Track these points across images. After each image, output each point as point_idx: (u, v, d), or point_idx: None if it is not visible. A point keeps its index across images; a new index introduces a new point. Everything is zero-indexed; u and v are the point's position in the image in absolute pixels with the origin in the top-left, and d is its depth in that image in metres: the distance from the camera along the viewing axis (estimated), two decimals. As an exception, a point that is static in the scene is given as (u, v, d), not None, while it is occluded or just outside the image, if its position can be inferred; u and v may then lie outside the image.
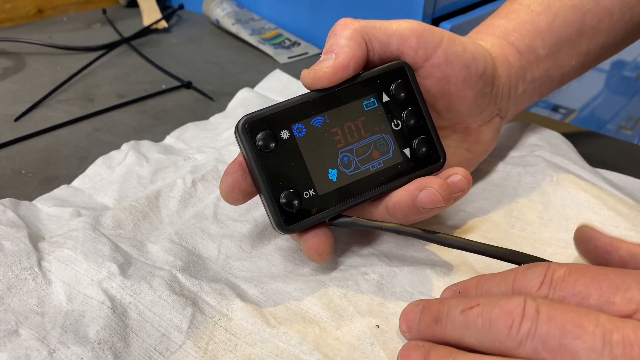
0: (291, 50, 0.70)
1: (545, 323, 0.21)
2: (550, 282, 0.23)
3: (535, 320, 0.21)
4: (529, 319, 0.21)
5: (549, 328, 0.21)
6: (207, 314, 0.30)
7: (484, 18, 0.41)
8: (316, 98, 0.31)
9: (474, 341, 0.23)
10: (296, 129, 0.30)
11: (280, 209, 0.29)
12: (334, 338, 0.29)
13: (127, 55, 0.68)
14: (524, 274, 0.24)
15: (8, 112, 0.52)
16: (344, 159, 0.31)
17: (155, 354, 0.27)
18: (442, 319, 0.24)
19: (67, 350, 0.26)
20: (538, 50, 0.38)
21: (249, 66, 0.66)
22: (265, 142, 0.29)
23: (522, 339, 0.21)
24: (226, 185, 0.31)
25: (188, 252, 0.34)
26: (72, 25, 0.78)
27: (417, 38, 0.32)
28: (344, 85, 0.31)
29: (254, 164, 0.29)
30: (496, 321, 0.22)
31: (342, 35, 0.31)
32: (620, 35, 0.41)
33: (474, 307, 0.23)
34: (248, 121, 0.29)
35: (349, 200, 0.31)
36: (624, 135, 1.42)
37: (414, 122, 0.33)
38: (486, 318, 0.22)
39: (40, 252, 0.32)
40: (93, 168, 0.42)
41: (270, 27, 0.76)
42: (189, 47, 0.72)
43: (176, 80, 0.60)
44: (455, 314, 0.24)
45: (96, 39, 0.71)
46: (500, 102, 0.37)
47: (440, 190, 0.30)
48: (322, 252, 0.31)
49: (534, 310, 0.21)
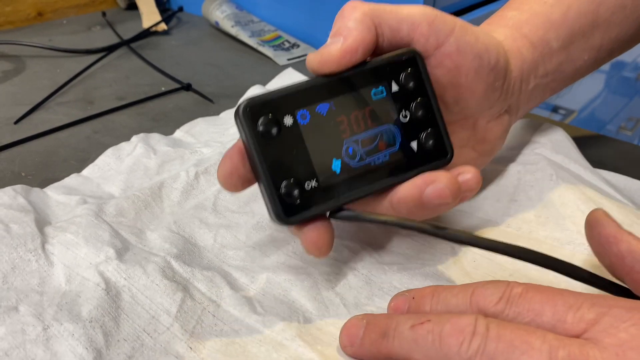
0: (290, 52, 0.70)
1: (494, 340, 0.21)
2: (507, 299, 0.24)
3: (485, 338, 0.22)
4: (478, 336, 0.22)
5: (498, 345, 0.21)
6: (197, 299, 0.31)
7: (484, 18, 0.41)
8: (322, 83, 0.29)
9: (422, 357, 0.23)
10: (300, 115, 0.28)
11: (280, 199, 0.28)
12: (316, 328, 0.29)
13: (126, 57, 0.68)
14: (484, 288, 0.25)
15: (8, 115, 0.53)
16: (348, 149, 0.30)
17: (144, 334, 0.29)
18: (389, 334, 0.24)
19: (60, 326, 0.28)
20: (551, 42, 0.37)
21: (248, 68, 0.66)
22: (266, 128, 0.28)
23: (471, 355, 0.21)
24: (224, 170, 0.29)
25: (184, 240, 0.35)
26: (72, 28, 0.78)
27: (429, 25, 0.31)
28: (351, 71, 0.30)
29: (254, 151, 0.28)
30: (447, 338, 0.22)
31: (351, 17, 0.30)
32: (634, 29, 0.40)
33: (425, 323, 0.23)
34: (249, 105, 0.27)
35: (352, 192, 0.30)
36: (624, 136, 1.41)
37: (423, 114, 0.31)
38: (436, 334, 0.23)
39: (45, 235, 0.34)
40: (103, 158, 0.44)
41: (270, 29, 0.76)
42: (189, 49, 0.73)
43: (176, 82, 0.61)
44: (404, 329, 0.24)
45: (96, 42, 0.71)
46: (510, 97, 0.36)
47: (449, 186, 0.29)
48: (322, 247, 0.30)
49: (484, 327, 0.22)
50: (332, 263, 0.34)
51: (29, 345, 0.27)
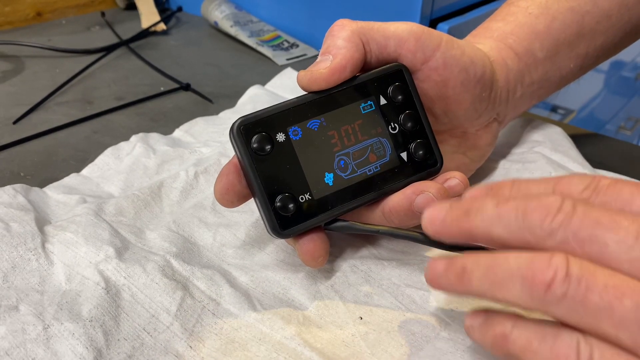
0: (290, 52, 0.70)
1: (579, 216, 0.21)
2: (594, 188, 0.22)
3: (570, 214, 0.21)
4: (563, 212, 0.21)
5: (583, 221, 0.20)
6: (197, 298, 0.31)
7: (482, 19, 0.41)
8: (312, 100, 0.30)
9: (503, 232, 0.22)
10: (292, 131, 0.30)
11: (276, 213, 0.29)
12: (316, 327, 0.30)
13: (125, 57, 0.68)
14: (569, 178, 0.23)
15: (7, 115, 0.53)
16: (340, 162, 0.31)
17: (144, 333, 0.29)
18: (472, 212, 0.23)
19: (60, 326, 0.28)
20: (536, 53, 0.38)
21: (247, 68, 0.66)
22: (260, 145, 0.29)
23: (554, 228, 0.21)
24: (220, 187, 0.30)
25: (184, 239, 0.35)
26: (71, 28, 0.78)
27: (416, 40, 0.32)
28: (341, 87, 0.31)
29: (248, 167, 0.29)
30: (531, 213, 0.21)
31: (340, 36, 0.31)
32: (619, 37, 0.41)
33: (510, 201, 0.22)
34: (243, 123, 0.29)
35: (345, 204, 0.31)
36: (623, 135, 1.41)
37: (411, 126, 0.32)
38: (520, 210, 0.22)
39: (45, 234, 0.34)
40: (102, 158, 0.44)
41: (269, 29, 0.76)
42: (188, 49, 0.73)
43: (175, 82, 0.61)
44: (487, 207, 0.23)
45: (95, 42, 0.71)
46: (498, 106, 0.37)
47: (437, 195, 0.30)
48: (318, 257, 0.31)
49: (571, 206, 0.21)
50: (331, 260, 0.34)
51: (30, 344, 0.27)
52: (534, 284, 0.20)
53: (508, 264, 0.21)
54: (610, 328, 0.19)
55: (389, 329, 0.29)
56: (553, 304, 0.20)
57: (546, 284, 0.20)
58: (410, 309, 0.31)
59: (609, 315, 0.19)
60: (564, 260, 0.20)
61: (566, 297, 0.20)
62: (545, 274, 0.20)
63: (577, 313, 0.20)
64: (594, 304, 0.19)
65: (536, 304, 0.21)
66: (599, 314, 0.19)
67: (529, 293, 0.20)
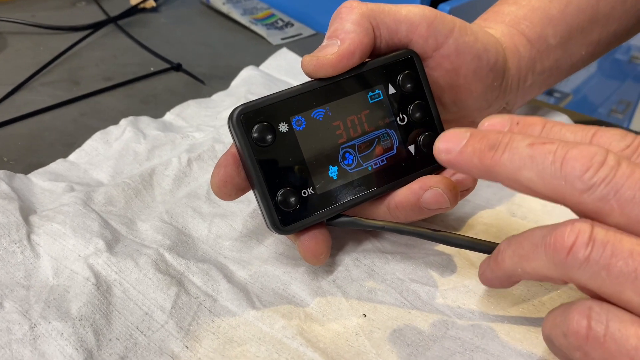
0: (284, 31, 0.68)
1: (624, 174, 0.19)
2: (636, 148, 0.21)
3: (615, 170, 0.19)
4: (607, 167, 0.19)
5: (628, 180, 0.19)
6: (192, 294, 0.29)
7: (484, 0, 0.40)
8: (318, 88, 0.29)
9: (534, 176, 0.20)
10: (295, 121, 0.28)
11: (277, 208, 0.27)
12: (318, 324, 0.28)
13: (113, 35, 0.66)
14: (609, 131, 0.22)
15: (-12, 96, 0.50)
16: (345, 155, 0.29)
17: (137, 332, 0.27)
18: (499, 147, 0.21)
19: (47, 325, 0.26)
20: (549, 39, 0.36)
21: (240, 48, 0.64)
22: (261, 135, 0.27)
23: (595, 183, 0.19)
24: (218, 179, 0.29)
25: (178, 231, 0.34)
26: (55, 3, 0.75)
27: (428, 26, 0.30)
28: (348, 74, 0.29)
29: (248, 159, 0.27)
30: (571, 161, 0.20)
31: (348, 19, 0.29)
32: (632, 23, 0.40)
33: (547, 143, 0.20)
34: (243, 112, 0.27)
35: (349, 199, 0.29)
36: (615, 118, 1.41)
37: (421, 117, 0.31)
38: (559, 156, 0.20)
39: (31, 225, 0.32)
40: (90, 143, 0.42)
41: (263, 6, 0.73)
42: (179, 27, 0.70)
43: (165, 62, 0.59)
44: (520, 145, 0.21)
45: (81, 19, 0.68)
46: (508, 95, 0.36)
47: (446, 191, 0.28)
48: (319, 255, 0.29)
49: (615, 161, 0.19)
50: (333, 253, 0.33)
51: (15, 345, 0.25)
52: (555, 249, 0.20)
53: (533, 236, 0.21)
54: (635, 295, 0.18)
55: (394, 327, 0.28)
56: (575, 268, 0.19)
57: (567, 247, 0.19)
58: (415, 305, 0.30)
59: (633, 281, 0.18)
60: (588, 225, 0.19)
61: (589, 261, 0.19)
62: (567, 238, 0.19)
63: (600, 278, 0.19)
64: (618, 270, 0.19)
65: (560, 272, 0.20)
66: (623, 280, 0.19)
67: (552, 260, 0.20)
